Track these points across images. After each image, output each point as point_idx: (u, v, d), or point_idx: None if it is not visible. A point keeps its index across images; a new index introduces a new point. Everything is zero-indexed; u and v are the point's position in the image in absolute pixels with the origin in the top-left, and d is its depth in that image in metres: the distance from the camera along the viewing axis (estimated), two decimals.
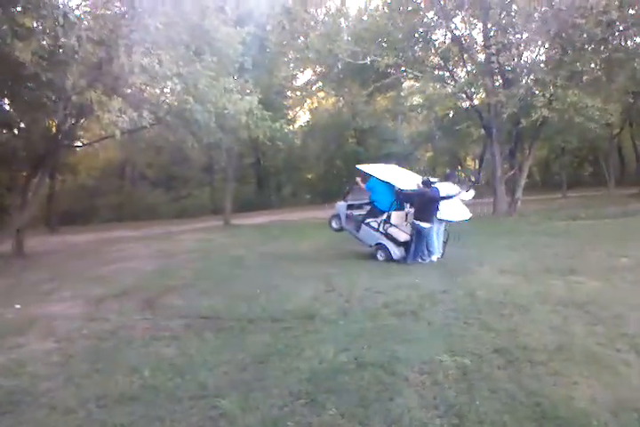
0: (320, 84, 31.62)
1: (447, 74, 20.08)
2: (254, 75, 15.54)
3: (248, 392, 4.15)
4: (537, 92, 15.95)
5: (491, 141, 18.96)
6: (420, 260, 10.11)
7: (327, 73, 22.65)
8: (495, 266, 9.17)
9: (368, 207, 11.18)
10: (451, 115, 27.86)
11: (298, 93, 32.66)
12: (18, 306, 8.08)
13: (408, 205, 10.92)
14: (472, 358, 4.67)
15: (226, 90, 11.13)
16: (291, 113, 34.27)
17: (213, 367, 4.72)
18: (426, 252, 10.18)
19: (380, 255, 10.57)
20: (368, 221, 10.87)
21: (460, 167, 37.56)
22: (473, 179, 23.70)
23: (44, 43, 8.32)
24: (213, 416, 3.83)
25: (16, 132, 16.73)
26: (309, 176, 40.47)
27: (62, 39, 8.82)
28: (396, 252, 10.34)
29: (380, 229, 10.60)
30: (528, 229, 14.85)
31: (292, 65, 22.61)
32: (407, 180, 10.80)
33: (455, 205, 10.31)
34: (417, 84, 22.60)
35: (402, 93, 29.02)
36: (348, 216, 11.42)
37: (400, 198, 10.71)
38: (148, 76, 9.41)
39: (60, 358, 5.26)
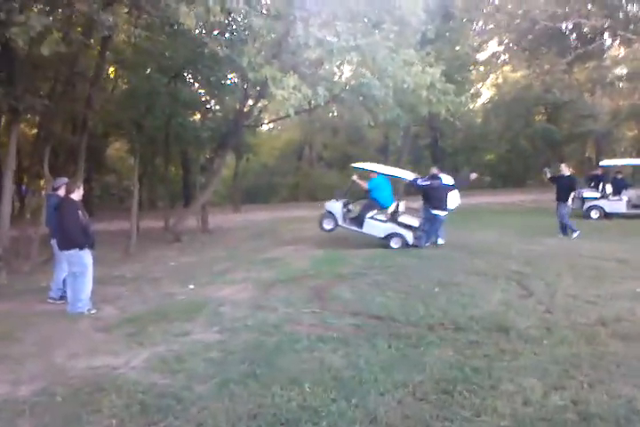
0: (506, 56, 29.01)
1: None
2: (436, 47, 14.24)
3: None
4: None
5: None
6: (430, 244, 11.11)
7: (518, 41, 20.32)
8: None
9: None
10: None
11: (481, 68, 30.34)
12: (192, 286, 8.08)
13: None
14: None
15: (405, 62, 10.11)
16: (472, 89, 31.99)
17: (386, 391, 3.88)
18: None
19: (396, 243, 11.01)
20: (371, 215, 11.24)
21: None
22: None
23: (218, 19, 8.01)
24: None
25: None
26: (489, 157, 37.79)
27: (232, 14, 8.51)
28: (410, 238, 10.99)
29: (391, 220, 11.15)
30: None
31: (476, 36, 20.64)
32: (406, 174, 11.81)
33: (453, 195, 11.43)
34: (624, 51, 19.33)
35: (604, 63, 25.32)
36: (345, 215, 11.62)
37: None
38: (324, 50, 8.77)
39: (220, 355, 4.83)
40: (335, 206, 11.51)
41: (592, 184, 16.19)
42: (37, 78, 14.02)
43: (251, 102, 16.30)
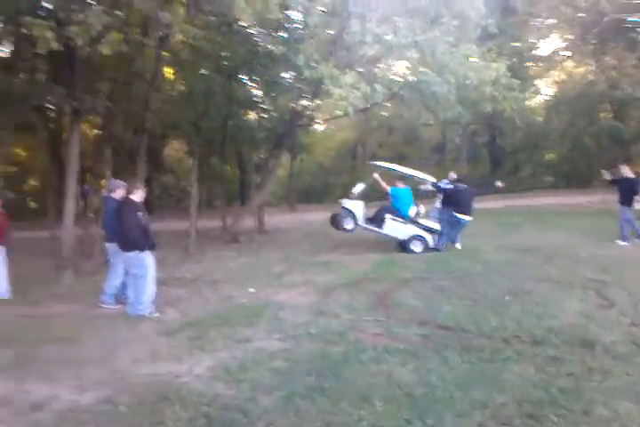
0: (568, 52, 27.73)
1: None
2: (498, 42, 13.67)
3: None
4: None
5: None
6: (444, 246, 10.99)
7: (583, 35, 19.31)
8: None
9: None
10: None
11: (541, 64, 29.14)
12: (252, 290, 7.96)
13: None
14: None
15: (467, 57, 9.69)
16: (533, 86, 30.79)
17: (463, 413, 3.59)
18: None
19: (417, 246, 10.89)
20: (390, 216, 10.89)
21: None
22: None
23: (274, 16, 7.87)
24: None
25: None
26: (550, 156, 36.32)
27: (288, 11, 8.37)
28: (431, 240, 10.91)
29: (412, 222, 10.93)
30: None
31: (538, 30, 19.72)
32: (427, 177, 11.58)
33: None
34: None
35: None
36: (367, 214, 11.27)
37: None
38: (381, 46, 8.48)
39: (284, 364, 4.65)
40: (356, 204, 11.03)
41: None
42: (97, 80, 14.33)
43: (306, 102, 16.16)
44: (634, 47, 18.44)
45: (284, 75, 14.99)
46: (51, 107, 13.73)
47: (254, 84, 16.60)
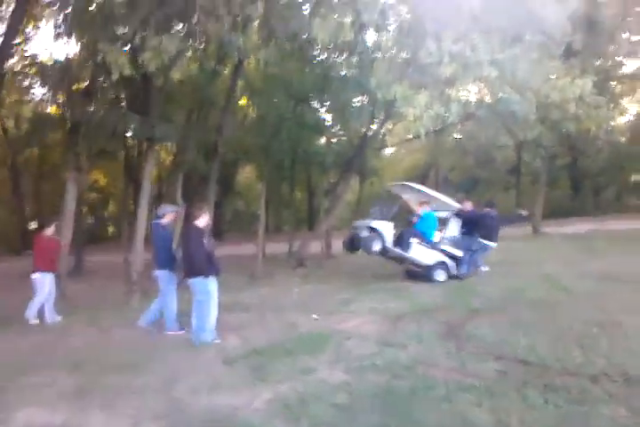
0: None
1: None
2: (581, 59, 13.01)
3: None
4: None
5: None
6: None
7: None
8: None
9: None
10: None
11: (626, 82, 27.69)
12: (315, 316, 7.71)
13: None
14: None
15: (550, 75, 9.20)
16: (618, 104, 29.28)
17: None
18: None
19: (441, 275, 10.32)
20: (416, 240, 10.19)
21: None
22: None
23: (348, 38, 7.77)
24: None
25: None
26: (637, 178, 34.23)
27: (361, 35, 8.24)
28: (454, 268, 10.41)
29: (435, 248, 10.36)
30: None
31: (627, 46, 18.68)
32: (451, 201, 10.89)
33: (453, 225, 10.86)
34: None
35: None
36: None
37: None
38: (458, 65, 8.17)
39: (347, 399, 4.33)
40: (384, 225, 10.11)
41: None
42: (172, 107, 14.80)
43: (376, 125, 16.01)
44: None
45: (355, 98, 14.96)
46: (127, 134, 14.21)
47: (325, 109, 16.68)
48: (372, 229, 10.14)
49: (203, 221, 6.76)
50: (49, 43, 37.78)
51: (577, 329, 6.26)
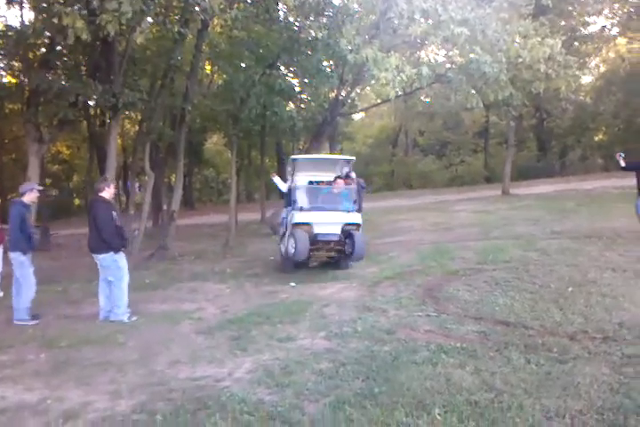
0: (616, 29, 26.32)
1: None
2: (550, 18, 12.90)
3: None
4: None
5: None
6: None
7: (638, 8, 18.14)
8: None
9: None
10: None
11: (589, 44, 27.75)
12: (293, 284, 7.66)
13: None
14: None
15: (520, 34, 9.07)
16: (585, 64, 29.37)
17: (537, 424, 3.16)
18: None
19: None
20: None
21: None
22: None
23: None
24: None
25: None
26: (600, 138, 34.81)
27: None
28: None
29: None
30: None
31: (593, 4, 18.60)
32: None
33: None
34: None
35: None
36: None
37: None
38: (429, 24, 7.97)
39: (330, 366, 4.30)
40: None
41: None
42: (136, 74, 14.25)
43: (346, 90, 15.74)
44: None
45: (324, 62, 14.60)
46: (90, 103, 13.69)
47: (294, 74, 16.27)
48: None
49: (108, 192, 6.39)
50: (1, 8, 35.75)
51: (553, 288, 6.37)
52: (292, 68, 15.74)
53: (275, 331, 5.38)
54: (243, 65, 14.71)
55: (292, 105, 17.52)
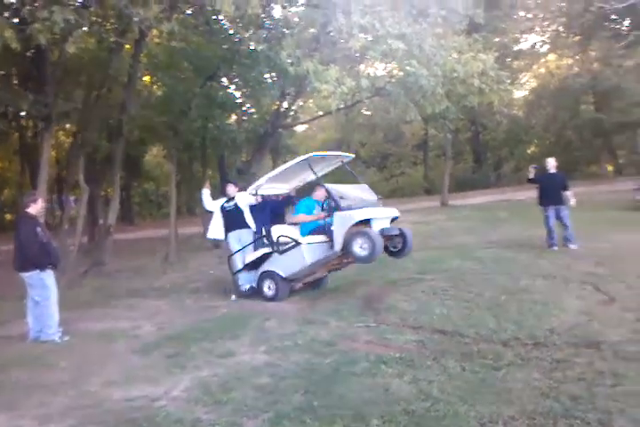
0: (551, 45, 27.71)
1: None
2: (483, 35, 13.41)
3: None
4: None
5: None
6: None
7: (568, 27, 19.15)
8: None
9: None
10: None
11: (523, 59, 29.10)
12: (234, 297, 7.51)
13: None
14: None
15: (455, 49, 9.40)
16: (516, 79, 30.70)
17: None
18: None
19: None
20: None
21: None
22: None
23: (255, 11, 7.48)
24: None
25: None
26: (532, 150, 36.39)
27: (268, 8, 8.00)
28: None
29: None
30: None
31: (524, 22, 19.47)
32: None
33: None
34: None
35: None
36: None
37: None
38: (367, 38, 8.15)
39: (270, 381, 4.25)
40: None
41: None
42: (70, 84, 13.84)
43: (288, 102, 15.82)
44: (616, 38, 18.30)
45: (266, 74, 14.63)
46: (22, 114, 13.19)
47: (235, 86, 16.21)
48: None
49: (35, 208, 6.16)
50: None
51: (487, 296, 6.54)
52: (233, 80, 15.71)
53: (214, 347, 5.28)
54: (182, 76, 14.54)
55: (233, 117, 17.46)
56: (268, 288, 7.34)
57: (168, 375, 4.56)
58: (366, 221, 6.95)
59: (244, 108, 16.50)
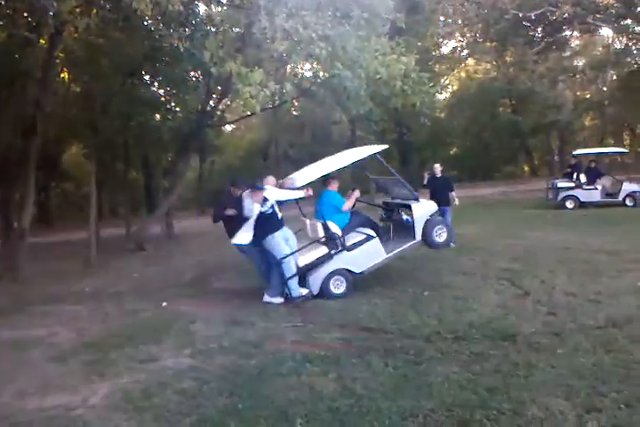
0: (470, 49, 28.82)
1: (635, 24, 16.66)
2: (405, 38, 13.76)
3: None
4: None
5: None
6: None
7: (485, 32, 20.02)
8: None
9: None
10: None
11: (443, 63, 30.14)
12: (164, 304, 7.30)
13: None
14: None
15: (378, 51, 9.58)
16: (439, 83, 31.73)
17: (392, 425, 3.31)
18: None
19: None
20: None
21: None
22: None
23: (176, 8, 7.28)
24: None
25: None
26: (454, 151, 37.78)
27: (192, 5, 7.83)
28: None
29: None
30: None
31: (444, 27, 20.18)
32: None
33: None
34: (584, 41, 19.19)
35: (565, 54, 25.53)
36: None
37: None
38: (291, 41, 8.15)
39: (193, 385, 4.18)
40: None
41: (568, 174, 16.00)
42: None
43: (214, 101, 15.57)
44: (530, 44, 19.37)
45: (191, 73, 14.32)
46: None
47: (158, 83, 15.76)
48: None
49: None
50: None
51: (410, 293, 6.74)
52: (157, 78, 15.29)
53: (136, 352, 5.12)
54: (101, 73, 13.99)
55: (158, 116, 16.98)
56: (336, 287, 6.99)
57: (86, 383, 4.38)
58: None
59: (167, 107, 16.06)
